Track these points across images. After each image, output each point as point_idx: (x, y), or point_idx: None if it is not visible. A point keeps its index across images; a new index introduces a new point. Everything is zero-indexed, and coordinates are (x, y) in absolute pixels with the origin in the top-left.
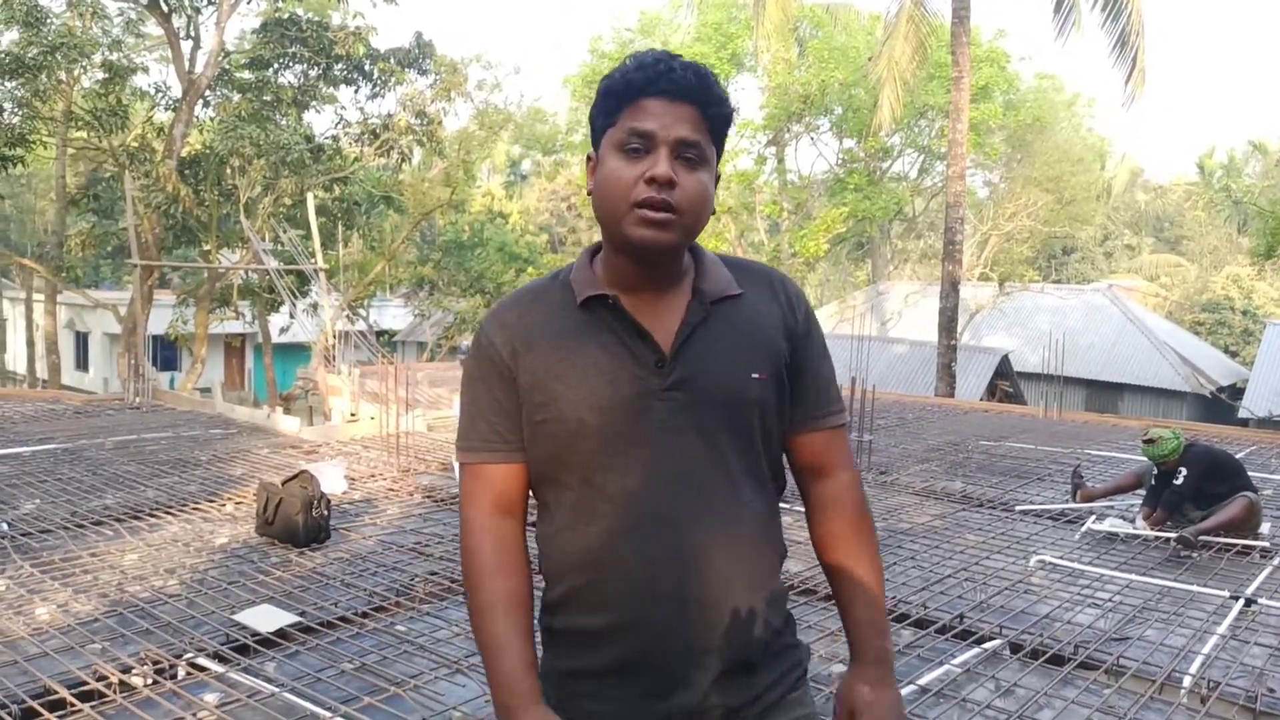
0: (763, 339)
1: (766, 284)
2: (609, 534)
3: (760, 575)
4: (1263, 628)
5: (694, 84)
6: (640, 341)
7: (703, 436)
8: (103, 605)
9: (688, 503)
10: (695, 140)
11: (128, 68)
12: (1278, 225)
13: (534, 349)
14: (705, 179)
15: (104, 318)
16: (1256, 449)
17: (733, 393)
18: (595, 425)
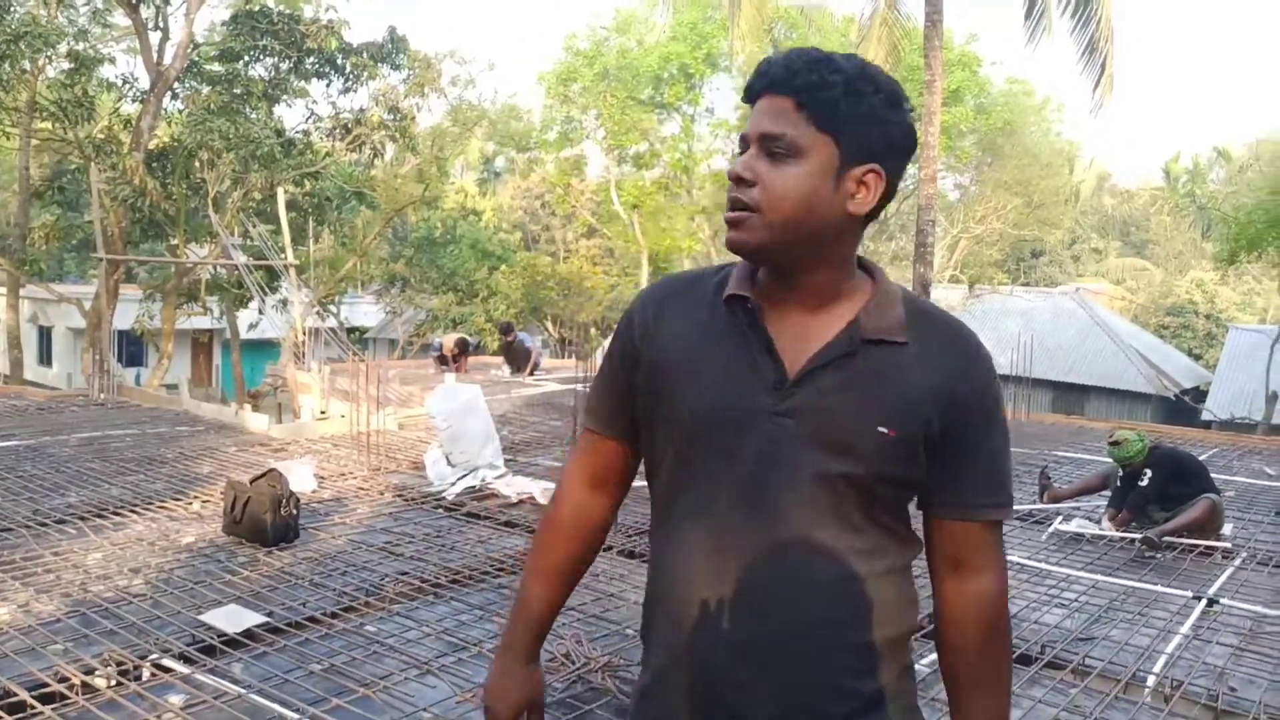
0: (907, 395)
1: (949, 344)
2: (676, 550)
3: (840, 651)
4: (1224, 627)
5: (781, 75)
6: (766, 355)
7: (803, 473)
8: (65, 605)
9: (758, 541)
10: (779, 132)
11: (94, 58)
12: (1240, 231)
13: (668, 329)
14: (794, 171)
15: (68, 312)
16: (1219, 451)
17: (850, 440)
18: (692, 429)
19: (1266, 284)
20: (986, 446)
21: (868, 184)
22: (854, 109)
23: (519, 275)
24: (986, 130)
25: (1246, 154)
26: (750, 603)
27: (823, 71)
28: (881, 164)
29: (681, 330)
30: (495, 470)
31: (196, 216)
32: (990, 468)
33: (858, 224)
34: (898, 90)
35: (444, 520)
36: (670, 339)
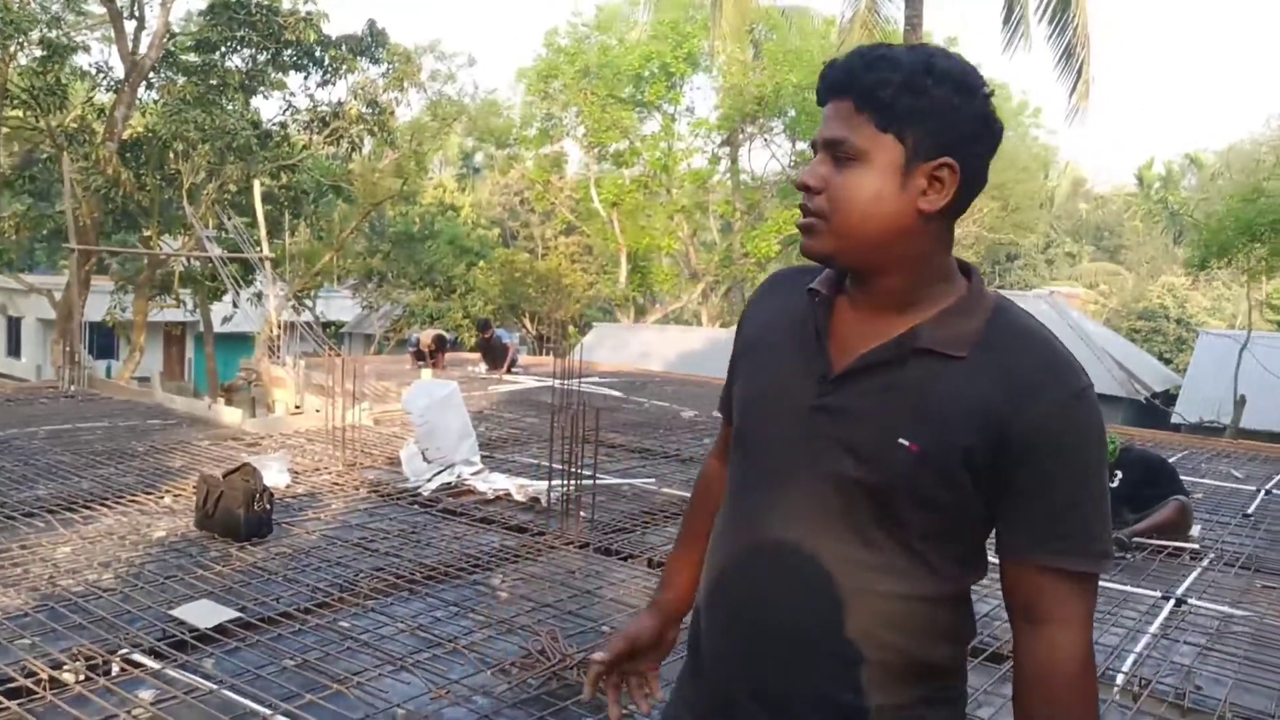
0: (943, 412)
1: (1014, 367)
2: (723, 520)
3: (848, 665)
4: (1192, 627)
5: (839, 77)
6: (818, 351)
7: (821, 471)
8: (33, 599)
9: (768, 531)
10: (841, 137)
11: (67, 46)
12: (1211, 237)
13: (754, 322)
14: (859, 176)
15: (38, 303)
16: (1188, 453)
17: (867, 446)
18: (746, 409)
19: (1236, 290)
20: (1064, 482)
21: (941, 179)
22: (915, 104)
23: (497, 272)
24: None
25: (1218, 161)
26: (751, 590)
27: (881, 69)
28: (955, 156)
29: (767, 318)
30: (471, 466)
31: (170, 208)
32: (1068, 506)
33: (936, 223)
34: (969, 77)
35: (419, 516)
36: (756, 326)
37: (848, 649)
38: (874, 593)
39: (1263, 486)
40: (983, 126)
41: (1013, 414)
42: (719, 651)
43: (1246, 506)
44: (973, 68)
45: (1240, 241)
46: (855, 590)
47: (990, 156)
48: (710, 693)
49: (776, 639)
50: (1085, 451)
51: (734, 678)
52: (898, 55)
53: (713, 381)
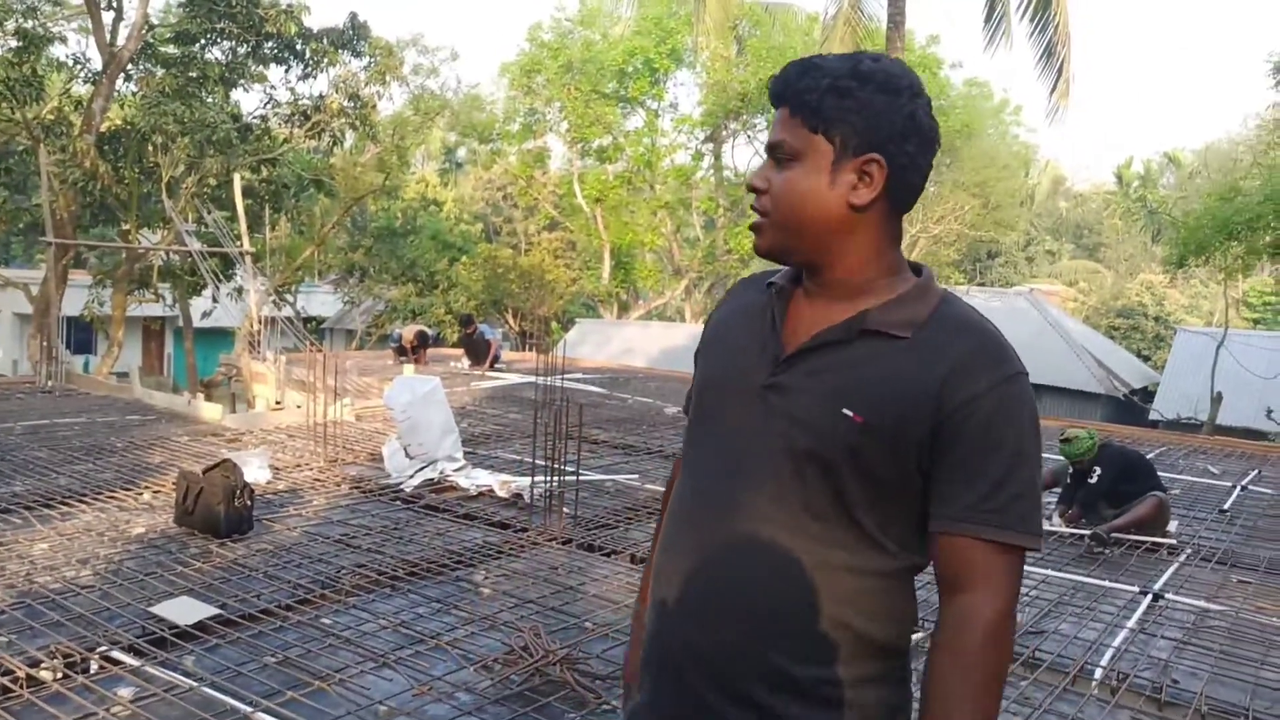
0: (886, 386)
1: (952, 346)
2: (676, 499)
3: (794, 634)
4: (1169, 621)
5: (777, 87)
6: (773, 336)
7: (771, 446)
8: (9, 596)
9: (731, 495)
10: (779, 140)
11: (44, 36)
12: (1189, 236)
13: (712, 326)
14: (793, 176)
15: (14, 297)
16: (1165, 450)
17: (812, 417)
18: (702, 394)
19: (1213, 288)
20: (994, 459)
21: (869, 174)
22: (840, 105)
23: (480, 267)
24: (945, 132)
25: (1196, 161)
26: (704, 562)
27: (810, 76)
28: (881, 152)
29: (727, 315)
30: (454, 463)
31: (149, 201)
32: (998, 482)
33: (872, 216)
34: (895, 79)
35: (402, 512)
36: (716, 324)
37: (796, 619)
38: (823, 565)
39: (1238, 483)
40: (909, 124)
41: (948, 393)
42: (669, 624)
43: (1223, 502)
44: (902, 70)
45: (1217, 240)
46: (805, 562)
47: (923, 154)
48: (659, 664)
49: (725, 607)
50: (1016, 432)
51: (683, 646)
52: (826, 62)
53: None
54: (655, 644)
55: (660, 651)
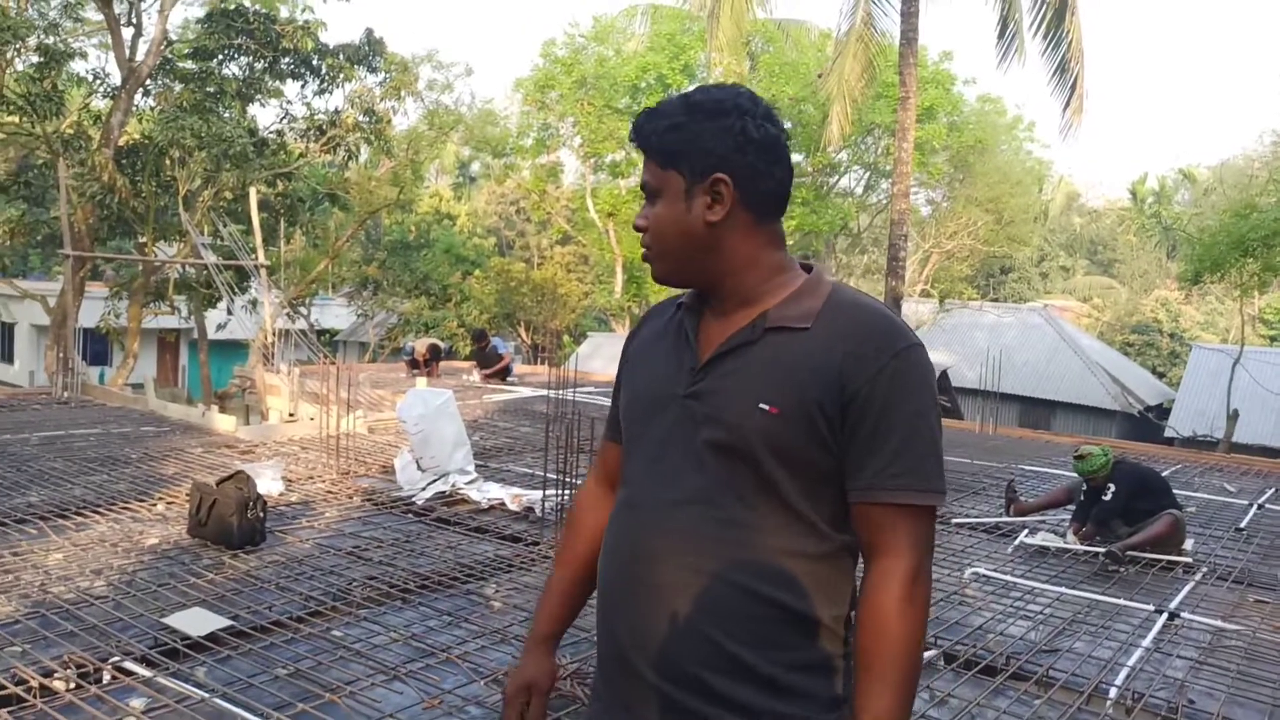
0: (795, 376)
1: (855, 332)
2: (613, 514)
3: (732, 615)
4: (1184, 641)
5: (633, 135)
6: (687, 349)
7: (698, 448)
8: (24, 606)
9: (666, 503)
10: (644, 181)
11: (65, 52)
12: (1204, 252)
13: (631, 350)
14: (661, 210)
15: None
16: (1181, 467)
17: (733, 416)
18: (627, 415)
19: (1229, 305)
20: (895, 428)
21: (719, 192)
22: (678, 137)
23: (492, 281)
24: (959, 147)
25: (1211, 177)
26: (645, 564)
27: (653, 119)
28: (724, 170)
29: (645, 340)
30: (466, 476)
31: (166, 215)
32: (899, 449)
33: (735, 227)
34: (721, 103)
35: (413, 525)
36: (635, 349)
37: (738, 604)
38: (761, 550)
39: (1255, 501)
40: (741, 139)
41: (849, 372)
42: (617, 630)
43: (1239, 521)
44: (730, 93)
45: (1233, 256)
46: (743, 550)
47: (766, 161)
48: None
49: (668, 600)
50: (913, 401)
51: (633, 647)
52: (665, 105)
53: None
54: (608, 644)
55: (612, 648)
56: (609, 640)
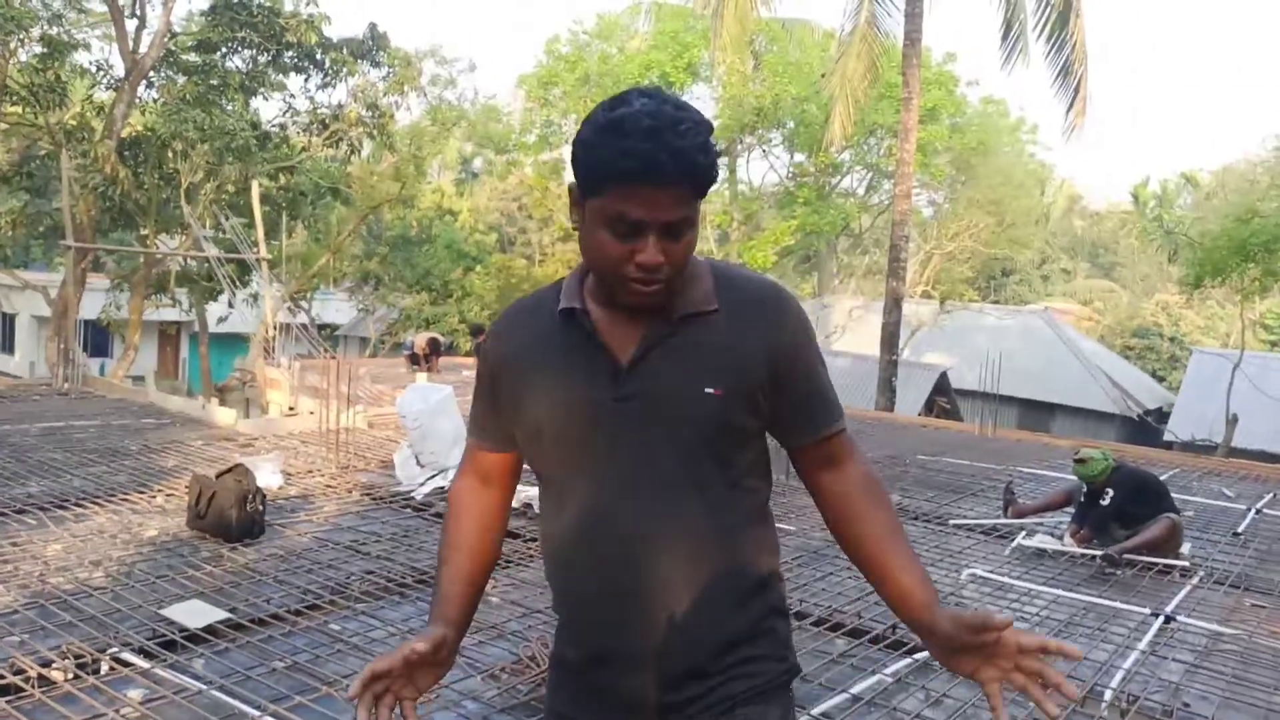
0: (730, 357)
1: (756, 301)
2: (567, 532)
3: (713, 583)
4: (1180, 644)
5: (685, 169)
6: (599, 353)
7: (652, 447)
8: (23, 596)
9: (632, 508)
10: (681, 217)
11: (68, 44)
12: (1206, 256)
13: (511, 360)
14: (690, 239)
15: (33, 299)
16: (1179, 472)
17: (683, 407)
18: (551, 432)
19: (1230, 309)
20: (816, 379)
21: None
22: (714, 160)
23: (494, 277)
24: (961, 149)
25: (1213, 181)
26: (627, 566)
27: (706, 156)
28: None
29: (525, 349)
30: None
31: (168, 207)
32: (827, 394)
33: None
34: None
35: (412, 520)
36: (517, 359)
37: (732, 589)
38: (725, 528)
39: (1253, 506)
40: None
41: (773, 341)
42: (615, 642)
43: (1237, 525)
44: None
45: (1234, 261)
46: (715, 533)
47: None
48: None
49: (675, 602)
50: (813, 347)
51: (633, 658)
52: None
53: None
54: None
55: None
56: (600, 648)
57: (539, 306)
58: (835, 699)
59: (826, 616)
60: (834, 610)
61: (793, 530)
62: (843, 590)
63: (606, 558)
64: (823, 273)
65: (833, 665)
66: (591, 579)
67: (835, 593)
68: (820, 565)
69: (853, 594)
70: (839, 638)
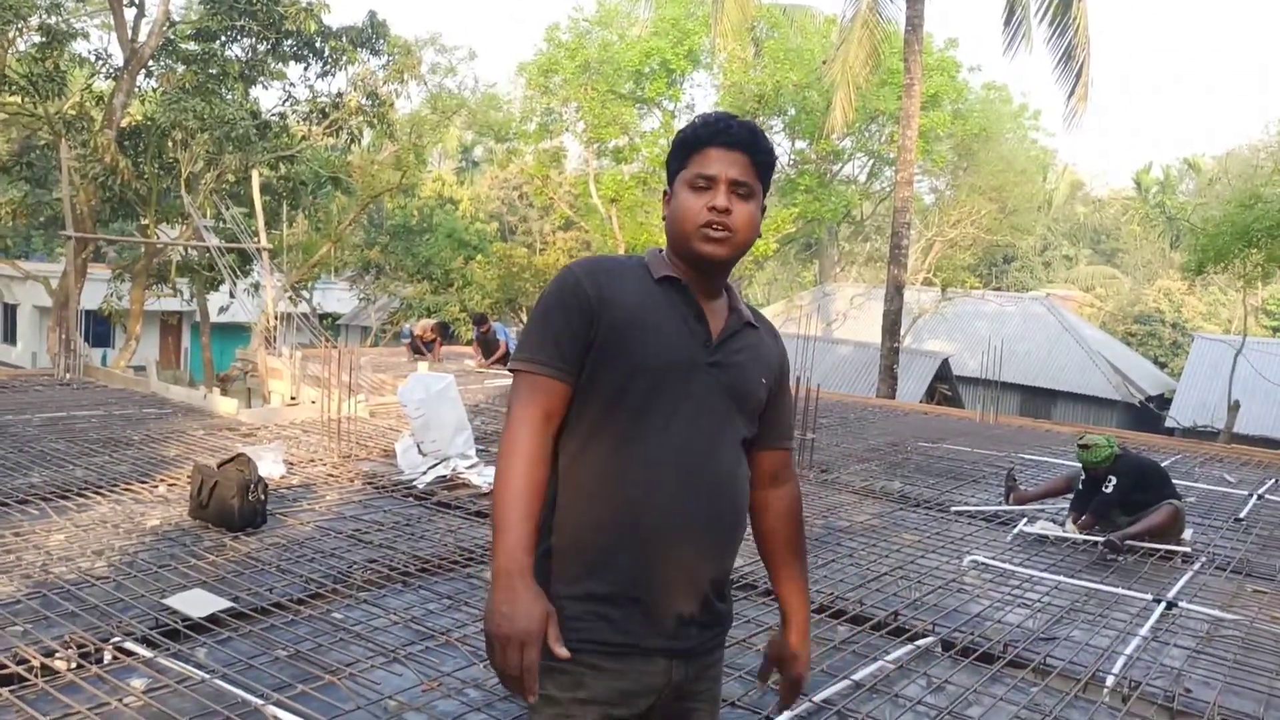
0: (767, 361)
1: (770, 329)
2: (651, 461)
3: (739, 535)
4: (1182, 630)
5: (745, 138)
6: (697, 321)
7: (725, 407)
8: (25, 586)
9: (714, 448)
10: (745, 180)
11: (67, 33)
12: (1208, 242)
13: (619, 298)
14: (753, 209)
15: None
16: (1181, 457)
17: (749, 386)
18: (656, 370)
19: (1232, 295)
20: (789, 399)
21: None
22: (772, 164)
23: (495, 266)
24: (963, 135)
25: (1216, 167)
26: (708, 502)
27: (764, 140)
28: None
29: (632, 300)
30: (467, 460)
31: (168, 197)
32: (790, 413)
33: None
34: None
35: (414, 509)
36: (624, 306)
37: (740, 533)
38: (745, 477)
39: (1254, 491)
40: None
41: (779, 360)
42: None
43: (1238, 511)
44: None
45: (1237, 247)
46: (742, 479)
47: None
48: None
49: (728, 543)
50: (789, 374)
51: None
52: (757, 129)
53: None
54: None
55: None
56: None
57: (626, 270)
58: (837, 685)
59: (828, 604)
60: (836, 597)
61: None
62: (844, 578)
63: (711, 487)
64: (824, 260)
65: (834, 652)
66: (675, 501)
67: (837, 580)
68: (821, 553)
69: (854, 581)
70: (841, 624)
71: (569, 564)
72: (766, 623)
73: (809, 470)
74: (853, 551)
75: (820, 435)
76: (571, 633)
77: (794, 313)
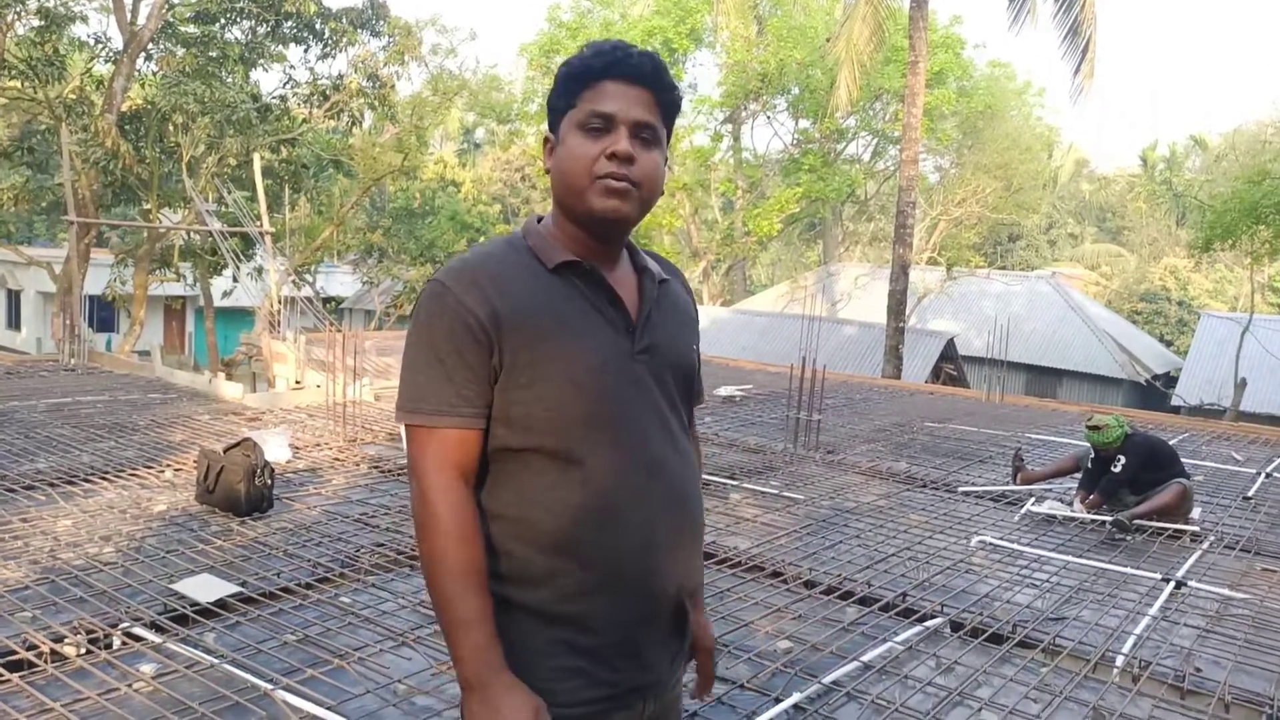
0: (691, 320)
1: (677, 276)
2: (605, 488)
3: (701, 545)
4: (1191, 609)
5: (649, 71)
6: (613, 308)
7: (665, 396)
8: (34, 572)
9: (669, 453)
10: (650, 122)
11: (65, 16)
12: (1215, 219)
13: (513, 308)
14: (659, 158)
15: (38, 276)
16: (1188, 436)
17: (682, 360)
18: (587, 385)
19: (1239, 272)
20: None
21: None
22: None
23: None
24: (968, 113)
25: (1223, 143)
26: (668, 507)
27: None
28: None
29: (529, 304)
30: None
31: (170, 181)
32: (699, 364)
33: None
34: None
35: None
36: (522, 315)
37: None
38: (696, 478)
39: (1263, 469)
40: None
41: (694, 307)
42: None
43: (1247, 489)
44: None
45: (1244, 224)
46: (695, 482)
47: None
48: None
49: (692, 539)
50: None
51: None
52: (661, 63)
53: (713, 361)
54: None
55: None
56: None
57: (507, 263)
58: (846, 667)
59: (836, 585)
60: (844, 579)
61: (801, 499)
62: (852, 559)
63: (668, 502)
64: (828, 240)
65: (843, 634)
66: (652, 524)
67: (845, 561)
68: (829, 534)
69: (862, 562)
70: (849, 605)
71: (530, 622)
72: (774, 604)
73: (815, 451)
74: (860, 533)
75: (826, 416)
76: (548, 695)
77: (798, 293)
